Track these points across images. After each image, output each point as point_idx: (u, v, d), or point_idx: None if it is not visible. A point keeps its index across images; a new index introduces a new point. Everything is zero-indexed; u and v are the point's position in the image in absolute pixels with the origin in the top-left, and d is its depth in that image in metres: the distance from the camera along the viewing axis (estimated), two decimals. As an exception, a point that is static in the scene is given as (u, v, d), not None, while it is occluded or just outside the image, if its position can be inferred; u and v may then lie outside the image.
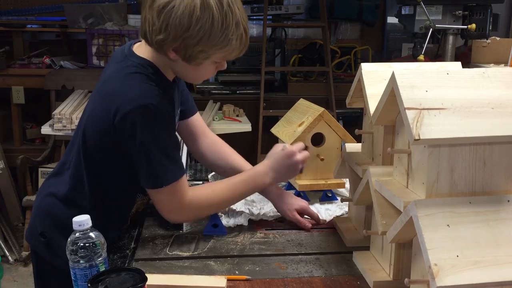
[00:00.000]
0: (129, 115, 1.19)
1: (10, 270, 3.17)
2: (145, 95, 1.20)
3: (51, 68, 3.54)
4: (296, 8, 3.86)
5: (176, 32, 1.17)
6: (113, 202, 1.38)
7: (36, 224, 1.40)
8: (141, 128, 1.20)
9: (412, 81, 0.98)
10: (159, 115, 1.21)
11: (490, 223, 0.92)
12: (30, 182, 3.20)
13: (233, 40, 1.22)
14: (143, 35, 1.25)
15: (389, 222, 1.06)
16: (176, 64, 1.27)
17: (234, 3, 1.21)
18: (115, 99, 1.21)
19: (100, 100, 1.28)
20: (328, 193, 1.67)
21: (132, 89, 1.21)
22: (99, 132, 1.27)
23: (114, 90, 1.24)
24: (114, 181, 1.35)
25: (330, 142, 1.63)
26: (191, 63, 1.24)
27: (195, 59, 1.23)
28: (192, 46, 1.20)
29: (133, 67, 1.25)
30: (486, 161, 0.98)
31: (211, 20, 1.17)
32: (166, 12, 1.16)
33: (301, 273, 1.23)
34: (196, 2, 1.15)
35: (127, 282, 0.96)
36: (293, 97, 3.28)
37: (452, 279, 0.84)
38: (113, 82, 1.26)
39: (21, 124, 3.64)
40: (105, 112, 1.23)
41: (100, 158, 1.31)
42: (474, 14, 2.91)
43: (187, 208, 1.32)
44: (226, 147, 1.62)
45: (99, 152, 1.30)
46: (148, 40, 1.24)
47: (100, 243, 1.04)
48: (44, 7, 3.96)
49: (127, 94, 1.21)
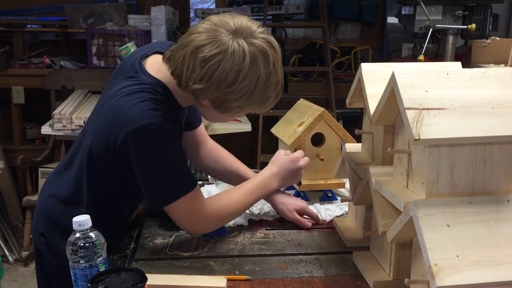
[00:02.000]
0: (129, 137, 1.16)
1: (10, 270, 3.17)
2: (146, 115, 1.16)
3: (51, 68, 3.53)
4: (296, 8, 3.86)
5: (218, 85, 1.15)
6: (112, 210, 1.37)
7: (38, 224, 1.41)
8: (143, 149, 1.18)
9: (412, 81, 0.98)
10: (161, 134, 1.18)
11: (490, 223, 0.92)
12: (30, 182, 3.20)
13: (271, 99, 1.22)
14: (176, 75, 1.20)
15: (389, 222, 1.06)
16: (200, 108, 1.27)
17: (278, 63, 1.20)
18: (116, 118, 1.19)
19: (103, 116, 1.25)
20: (328, 193, 1.67)
21: (133, 110, 1.17)
22: (103, 148, 1.25)
23: (116, 108, 1.20)
24: (115, 193, 1.34)
25: (330, 142, 1.63)
26: (223, 113, 1.24)
27: (228, 112, 1.23)
28: (231, 101, 1.18)
29: (142, 85, 1.22)
30: (486, 161, 0.98)
31: (256, 79, 1.15)
32: (212, 64, 1.13)
33: (301, 273, 1.23)
34: (247, 60, 1.13)
35: (127, 282, 0.96)
36: (293, 97, 3.28)
37: (452, 279, 0.84)
38: (117, 100, 1.21)
39: (21, 124, 3.64)
40: (108, 129, 1.21)
41: (103, 171, 1.30)
42: (474, 14, 2.91)
43: (208, 219, 1.30)
44: (223, 151, 1.63)
45: (102, 165, 1.29)
46: (182, 83, 1.19)
47: (100, 243, 1.04)
48: (44, 7, 3.95)
49: (128, 114, 1.17)
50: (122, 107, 1.19)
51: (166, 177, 1.22)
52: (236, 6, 3.96)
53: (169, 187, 1.23)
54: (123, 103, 1.19)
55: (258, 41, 1.15)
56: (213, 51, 1.13)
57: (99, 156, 1.28)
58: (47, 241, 1.38)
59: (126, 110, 1.18)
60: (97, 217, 1.11)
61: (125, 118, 1.17)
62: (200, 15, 3.86)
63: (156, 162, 1.20)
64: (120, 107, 1.20)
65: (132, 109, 1.17)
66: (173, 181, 1.23)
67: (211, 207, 1.30)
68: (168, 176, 1.22)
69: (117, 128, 1.18)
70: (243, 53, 1.13)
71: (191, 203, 1.25)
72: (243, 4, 3.94)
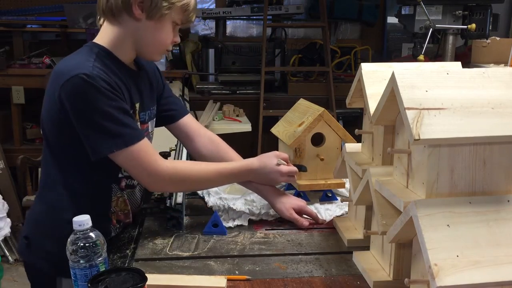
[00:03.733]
0: (62, 89, 1.23)
1: (10, 270, 3.17)
2: (78, 66, 1.23)
3: (51, 68, 3.53)
4: (296, 8, 3.86)
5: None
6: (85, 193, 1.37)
7: (23, 230, 1.44)
8: (76, 98, 1.23)
9: (412, 81, 0.98)
10: (94, 82, 1.22)
11: (490, 223, 0.92)
12: (30, 182, 3.20)
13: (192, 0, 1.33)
14: (102, 11, 1.32)
15: (389, 222, 1.06)
16: (137, 32, 1.31)
17: None
18: (53, 77, 1.27)
19: (49, 84, 1.31)
20: (328, 193, 1.67)
21: (67, 64, 1.26)
22: (50, 115, 1.31)
23: (55, 71, 1.29)
24: (78, 168, 1.35)
25: (330, 142, 1.63)
26: (154, 17, 1.29)
27: (159, 11, 1.28)
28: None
29: (78, 51, 1.32)
30: (486, 161, 0.98)
31: None
32: None
33: (301, 273, 1.23)
34: None
35: (127, 282, 0.96)
36: (293, 97, 3.29)
37: (452, 279, 0.84)
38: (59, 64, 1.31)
39: (21, 124, 3.64)
40: (51, 91, 1.28)
41: (57, 145, 1.34)
42: (474, 14, 2.91)
43: (163, 174, 1.32)
44: (223, 144, 1.64)
45: (55, 137, 1.33)
46: (112, 11, 1.29)
47: (100, 243, 1.04)
48: (44, 7, 3.96)
49: (62, 70, 1.25)
50: (58, 67, 1.29)
51: (106, 124, 1.24)
52: (236, 6, 3.96)
53: (112, 135, 1.25)
54: (59, 64, 1.30)
55: None
56: None
57: (51, 131, 1.33)
58: (29, 242, 1.39)
59: (61, 67, 1.27)
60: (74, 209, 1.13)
61: (60, 73, 1.25)
62: (199, 15, 3.86)
63: (92, 110, 1.23)
64: (57, 68, 1.29)
65: (66, 65, 1.27)
66: (115, 128, 1.25)
67: (168, 164, 1.33)
68: (108, 123, 1.24)
69: (55, 85, 1.25)
70: None
71: (140, 155, 1.27)
72: (243, 4, 3.94)
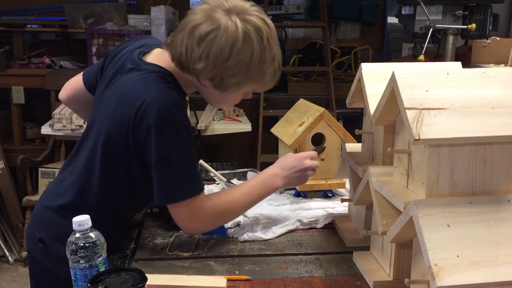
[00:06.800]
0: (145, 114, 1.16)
1: (10, 270, 3.17)
2: (163, 95, 1.18)
3: (51, 68, 3.53)
4: (296, 8, 3.86)
5: (215, 61, 1.17)
6: (117, 211, 1.34)
7: (34, 231, 1.37)
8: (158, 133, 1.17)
9: (412, 81, 0.98)
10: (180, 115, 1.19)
11: (490, 223, 0.92)
12: (30, 182, 3.20)
13: (268, 75, 1.23)
14: (177, 59, 1.22)
15: (389, 222, 1.06)
16: (203, 89, 1.27)
17: (272, 39, 1.22)
18: (131, 96, 1.19)
19: (117, 102, 1.23)
20: (328, 193, 1.67)
21: (149, 88, 1.19)
22: (119, 132, 1.22)
23: (129, 89, 1.21)
24: (126, 190, 1.31)
25: (330, 142, 1.63)
26: (223, 92, 1.25)
27: (228, 89, 1.24)
28: (228, 77, 1.20)
29: (151, 73, 1.23)
30: (486, 161, 0.98)
31: (251, 53, 1.18)
32: (208, 41, 1.16)
33: (301, 273, 1.23)
34: (239, 34, 1.15)
35: (127, 282, 0.96)
36: (293, 97, 3.28)
37: (452, 279, 0.84)
38: (127, 84, 1.23)
39: (21, 124, 3.64)
40: (124, 111, 1.19)
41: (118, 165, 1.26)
42: (474, 14, 2.91)
43: (205, 217, 1.27)
44: None
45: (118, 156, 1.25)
46: (183, 65, 1.21)
47: (100, 243, 1.04)
48: (44, 7, 3.95)
49: (143, 92, 1.18)
50: (134, 88, 1.20)
51: (183, 172, 1.21)
52: (236, 6, 3.96)
53: (182, 185, 1.21)
54: (136, 85, 1.20)
55: (252, 18, 1.18)
56: (208, 28, 1.16)
57: (116, 148, 1.24)
58: (45, 246, 1.33)
59: (140, 89, 1.19)
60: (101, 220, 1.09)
61: (141, 95, 1.18)
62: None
63: (176, 151, 1.19)
64: (131, 88, 1.20)
65: (147, 87, 1.19)
66: (188, 179, 1.22)
67: (208, 204, 1.28)
68: (184, 172, 1.21)
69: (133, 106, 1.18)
70: (236, 28, 1.16)
71: (194, 204, 1.24)
72: (243, 4, 3.94)
